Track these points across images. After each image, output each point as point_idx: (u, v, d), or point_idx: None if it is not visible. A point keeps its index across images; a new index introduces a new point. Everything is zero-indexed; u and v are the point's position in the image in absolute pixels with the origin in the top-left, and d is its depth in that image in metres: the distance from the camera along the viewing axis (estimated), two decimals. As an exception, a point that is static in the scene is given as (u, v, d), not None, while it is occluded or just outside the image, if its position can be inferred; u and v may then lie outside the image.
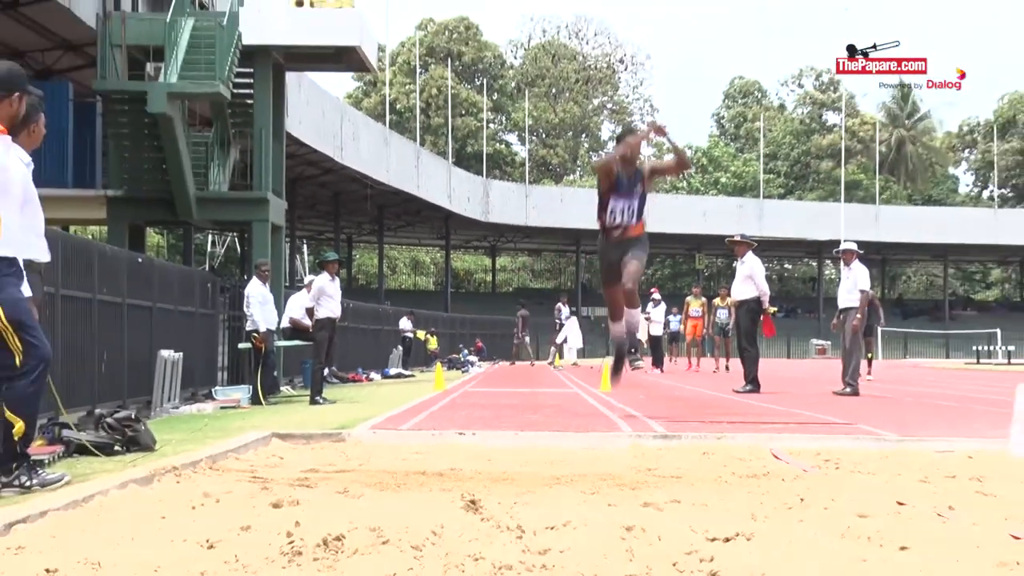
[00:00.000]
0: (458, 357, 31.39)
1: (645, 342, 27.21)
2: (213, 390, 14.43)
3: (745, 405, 11.24)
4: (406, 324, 29.42)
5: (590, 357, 32.81)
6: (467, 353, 33.38)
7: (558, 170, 74.74)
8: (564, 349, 29.83)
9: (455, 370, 26.91)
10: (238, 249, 44.44)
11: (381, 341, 27.23)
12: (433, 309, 42.01)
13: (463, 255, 67.98)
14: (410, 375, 24.43)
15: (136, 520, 3.88)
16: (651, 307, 25.34)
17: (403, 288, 62.91)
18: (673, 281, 66.74)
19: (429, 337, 32.62)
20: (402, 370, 25.40)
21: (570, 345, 29.92)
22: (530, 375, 22.38)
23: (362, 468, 5.72)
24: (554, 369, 26.43)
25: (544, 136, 74.28)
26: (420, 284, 66.86)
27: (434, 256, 66.96)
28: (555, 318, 30.67)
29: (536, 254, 70.39)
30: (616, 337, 9.52)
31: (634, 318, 9.27)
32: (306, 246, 56.65)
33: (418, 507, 4.09)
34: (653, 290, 28.74)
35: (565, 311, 30.08)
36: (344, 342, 19.78)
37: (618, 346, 9.55)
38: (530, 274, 73.45)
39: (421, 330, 31.78)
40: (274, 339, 14.71)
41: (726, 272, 59.17)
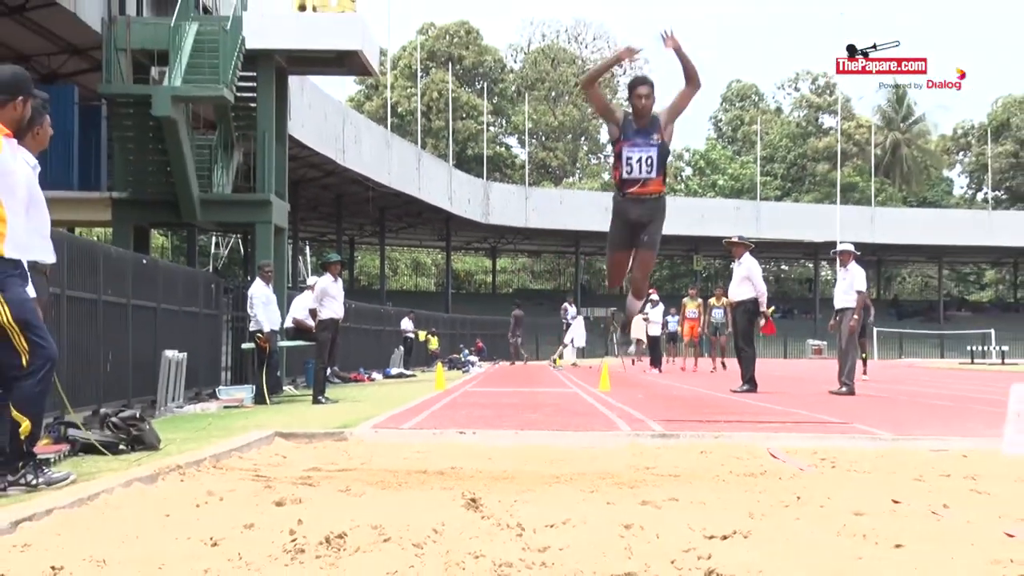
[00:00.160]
0: (459, 357, 31.38)
1: (644, 342, 27.26)
2: (217, 390, 14.44)
3: (742, 405, 11.23)
4: (407, 325, 29.42)
5: (589, 357, 32.79)
6: (467, 353, 33.36)
7: (557, 172, 74.75)
8: (565, 349, 29.85)
9: (456, 370, 26.90)
10: (241, 251, 44.46)
11: (383, 341, 27.23)
12: (434, 310, 42.00)
13: (464, 256, 67.98)
14: (411, 375, 24.41)
15: (141, 518, 3.88)
16: (649, 308, 25.30)
17: (404, 289, 62.90)
18: (671, 282, 66.74)
19: (430, 337, 32.61)
20: (403, 370, 25.39)
21: (566, 342, 30.01)
22: (530, 375, 22.37)
23: (364, 467, 5.72)
24: (553, 369, 26.42)
25: (544, 139, 74.27)
26: (421, 285, 66.84)
27: (435, 257, 66.95)
28: (562, 318, 30.76)
29: (536, 255, 70.39)
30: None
31: (632, 306, 8.95)
32: (309, 247, 56.67)
33: (419, 505, 4.09)
34: (651, 291, 28.71)
35: (572, 311, 30.17)
36: (346, 342, 19.78)
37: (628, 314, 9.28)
38: (530, 275, 73.45)
39: (422, 330, 31.78)
40: (277, 339, 14.71)
41: (723, 273, 59.12)
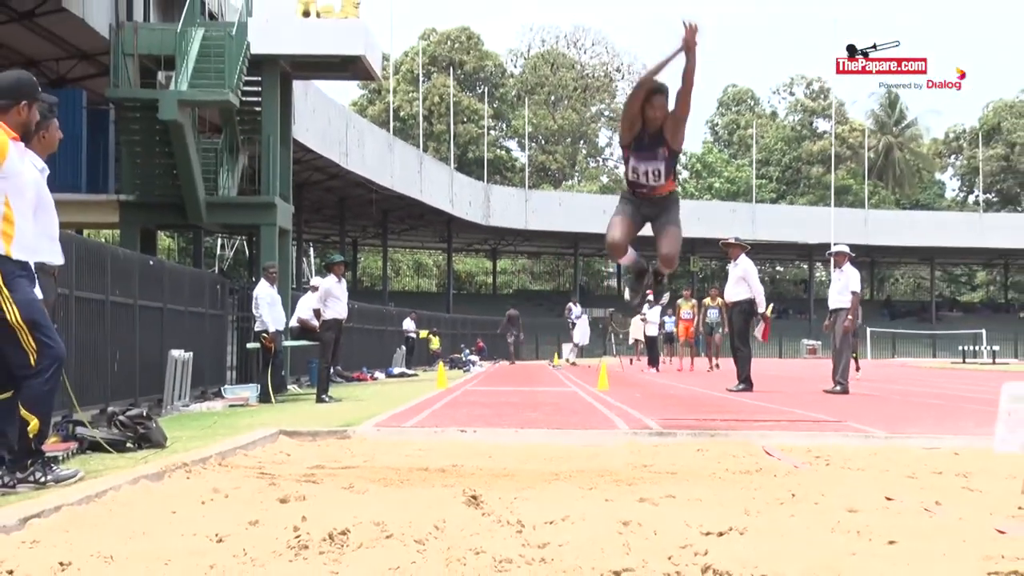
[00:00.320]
0: (460, 357, 31.37)
1: (641, 342, 27.28)
2: (222, 389, 14.44)
3: (738, 403, 11.23)
4: (409, 325, 29.42)
5: (588, 357, 32.79)
6: (468, 353, 33.35)
7: (557, 175, 74.74)
8: (564, 348, 29.89)
9: (457, 369, 26.91)
10: (246, 252, 44.44)
11: (385, 341, 27.23)
12: (435, 310, 41.99)
13: (465, 258, 67.98)
14: (413, 374, 24.41)
15: (147, 515, 3.89)
16: (647, 308, 25.32)
17: (406, 290, 62.88)
18: (669, 283, 66.63)
19: (431, 337, 32.60)
20: (405, 369, 25.39)
21: (577, 343, 30.01)
22: (530, 374, 22.37)
23: (367, 464, 5.72)
24: (553, 368, 26.42)
25: (543, 142, 74.26)
26: (423, 286, 66.81)
27: (436, 259, 66.96)
28: (567, 318, 30.79)
29: (535, 257, 70.38)
30: (629, 261, 8.77)
31: (670, 263, 8.64)
32: (312, 249, 56.64)
33: (421, 502, 4.08)
34: (648, 292, 28.71)
35: (576, 310, 30.21)
36: (349, 342, 19.77)
37: (634, 266, 8.96)
38: (530, 276, 73.44)
39: (424, 330, 31.77)
40: (282, 339, 14.71)
41: (720, 274, 59.06)
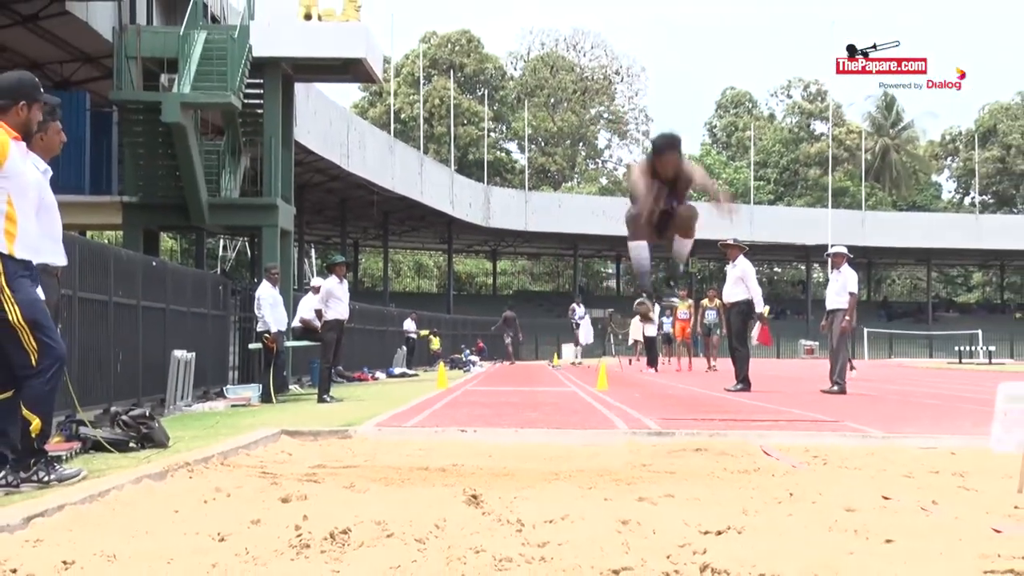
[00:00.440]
0: (460, 357, 31.36)
1: (640, 343, 27.27)
2: (224, 389, 14.44)
3: (736, 403, 11.23)
4: (410, 325, 29.41)
5: (587, 357, 32.78)
6: (469, 353, 33.34)
7: (556, 177, 74.74)
8: (564, 348, 29.88)
9: (457, 369, 26.90)
10: (248, 253, 44.44)
11: (386, 342, 27.23)
12: (436, 311, 41.98)
13: (465, 259, 67.96)
14: (414, 374, 24.40)
15: (150, 514, 3.88)
16: (645, 308, 25.31)
17: (407, 291, 62.85)
18: (668, 283, 66.65)
19: (432, 338, 32.59)
20: (406, 369, 25.38)
21: (581, 342, 29.97)
22: (530, 374, 22.36)
23: (368, 464, 5.72)
24: (552, 368, 26.42)
25: (543, 144, 74.25)
26: (424, 287, 66.79)
27: (437, 260, 66.94)
28: (571, 319, 30.80)
29: (535, 258, 70.37)
30: (638, 261, 7.18)
31: (684, 247, 7.24)
32: (314, 250, 56.63)
33: (421, 502, 4.08)
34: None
35: (580, 311, 30.21)
36: (350, 343, 19.75)
37: (641, 277, 7.34)
38: (529, 277, 73.43)
39: (424, 331, 31.77)
40: (284, 340, 14.71)
41: (718, 275, 59.05)
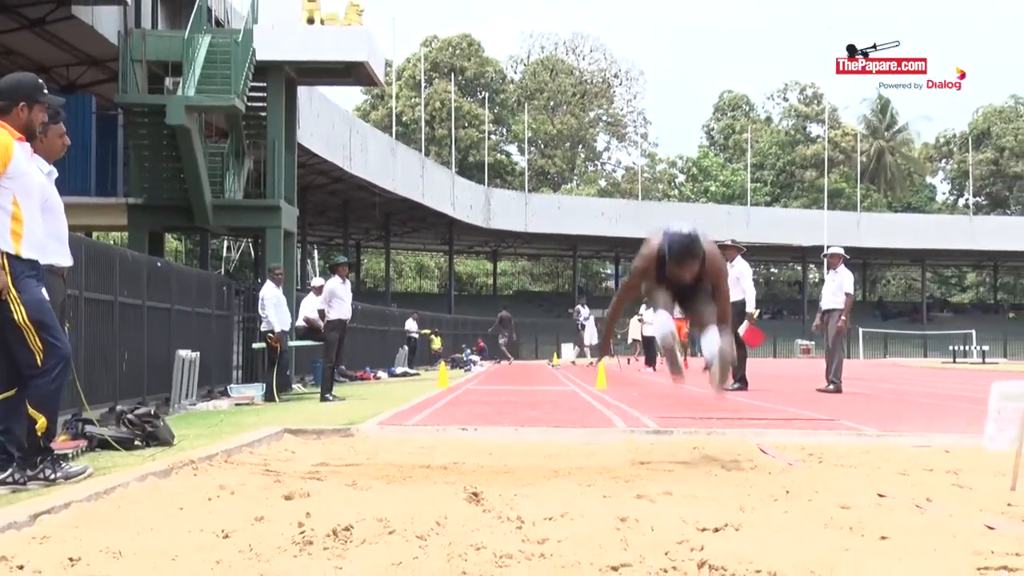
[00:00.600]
0: (461, 356, 31.36)
1: (639, 342, 27.28)
2: (228, 388, 14.43)
3: (733, 402, 11.22)
4: (411, 325, 29.42)
5: (583, 357, 32.78)
6: (469, 353, 33.33)
7: (556, 179, 74.73)
8: (563, 348, 29.85)
9: (458, 369, 26.90)
10: (252, 254, 44.42)
11: (388, 341, 27.22)
12: (437, 311, 41.97)
13: (466, 260, 67.95)
14: (415, 374, 24.40)
15: (155, 511, 3.88)
16: (644, 308, 25.36)
17: (409, 291, 62.84)
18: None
19: (433, 337, 32.59)
20: (408, 369, 25.38)
21: (587, 343, 29.88)
22: (529, 374, 22.36)
23: (370, 462, 5.72)
24: (552, 368, 26.43)
25: (543, 147, 74.24)
26: (425, 287, 66.78)
27: (438, 261, 66.93)
28: (576, 320, 30.74)
29: (535, 259, 70.35)
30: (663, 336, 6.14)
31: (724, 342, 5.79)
32: (317, 251, 56.62)
33: (423, 499, 4.08)
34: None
35: (584, 312, 30.12)
36: (353, 342, 19.77)
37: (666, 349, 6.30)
38: (529, 278, 73.41)
39: (426, 330, 31.76)
40: (287, 339, 14.71)
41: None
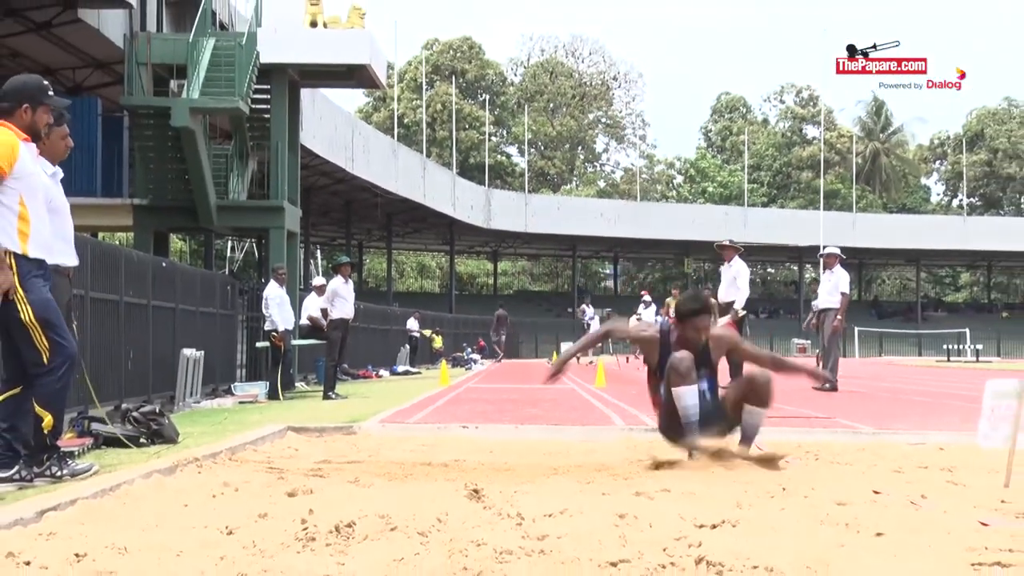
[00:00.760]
0: (462, 355, 31.36)
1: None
2: (232, 386, 14.43)
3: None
4: (413, 324, 29.41)
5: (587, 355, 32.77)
6: (470, 351, 33.34)
7: (556, 180, 74.71)
8: (563, 347, 29.79)
9: (459, 367, 26.90)
10: (256, 254, 44.41)
11: (390, 340, 27.21)
12: (438, 310, 41.95)
13: (466, 260, 67.95)
14: (417, 372, 24.40)
15: (160, 508, 3.88)
16: (642, 308, 25.37)
17: (410, 291, 62.82)
18: (663, 284, 66.72)
19: (434, 336, 32.59)
20: (409, 367, 25.38)
21: None
22: (529, 372, 22.35)
23: (372, 459, 5.71)
24: (551, 366, 26.40)
25: (543, 148, 74.22)
26: (426, 287, 66.78)
27: (439, 261, 66.93)
28: (580, 319, 30.68)
29: (535, 259, 70.35)
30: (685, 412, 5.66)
31: (756, 419, 5.90)
32: (319, 251, 56.63)
33: (424, 496, 4.08)
34: (644, 292, 28.77)
35: (589, 311, 30.04)
36: (355, 341, 19.77)
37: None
38: (529, 277, 73.42)
39: (427, 330, 31.76)
40: (291, 338, 14.70)
41: (712, 276, 59.07)
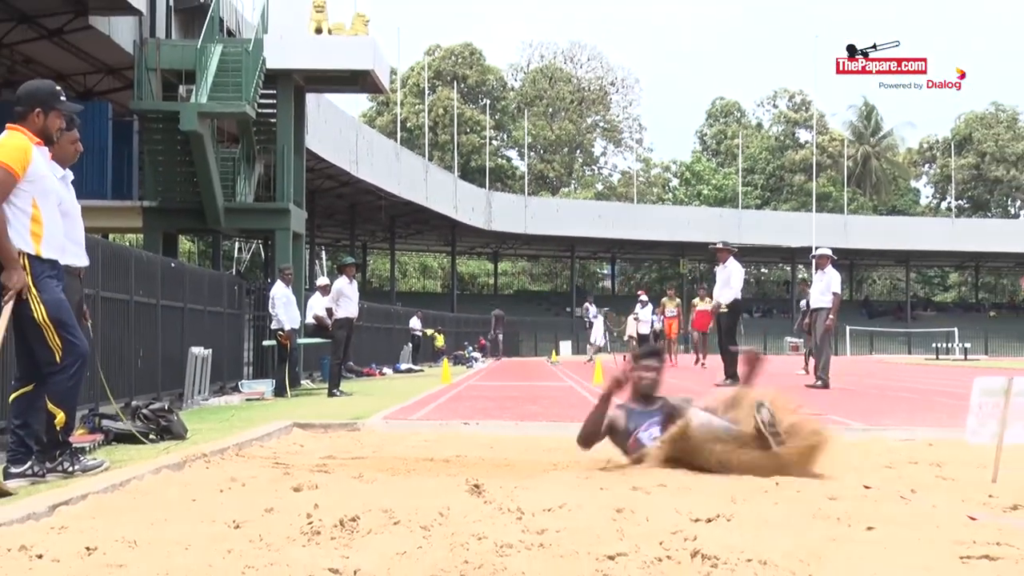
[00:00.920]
0: (463, 353, 31.36)
1: (635, 339, 27.27)
2: (239, 383, 14.42)
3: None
4: (416, 323, 29.41)
5: (580, 354, 32.79)
6: (471, 350, 33.34)
7: (555, 183, 74.70)
8: (561, 346, 29.77)
9: (460, 365, 26.90)
10: (262, 255, 44.41)
11: (393, 339, 27.21)
12: (440, 310, 41.95)
13: (468, 260, 67.96)
14: (419, 370, 24.39)
15: (169, 502, 3.88)
16: (639, 308, 25.38)
17: (413, 291, 62.83)
18: (660, 284, 66.72)
19: (436, 335, 32.58)
20: (412, 365, 25.37)
21: (592, 341, 29.68)
22: (529, 370, 22.35)
23: (375, 455, 5.72)
24: (551, 364, 26.42)
25: (542, 152, 74.22)
26: (428, 287, 66.78)
27: (441, 261, 66.92)
28: (584, 317, 30.58)
29: (535, 259, 70.34)
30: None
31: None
32: (324, 252, 56.62)
33: (426, 491, 4.08)
34: (640, 292, 28.78)
35: (592, 310, 29.94)
36: (359, 340, 19.76)
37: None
38: (529, 278, 73.42)
39: (429, 329, 31.76)
40: (296, 337, 14.70)
41: (707, 276, 59.05)
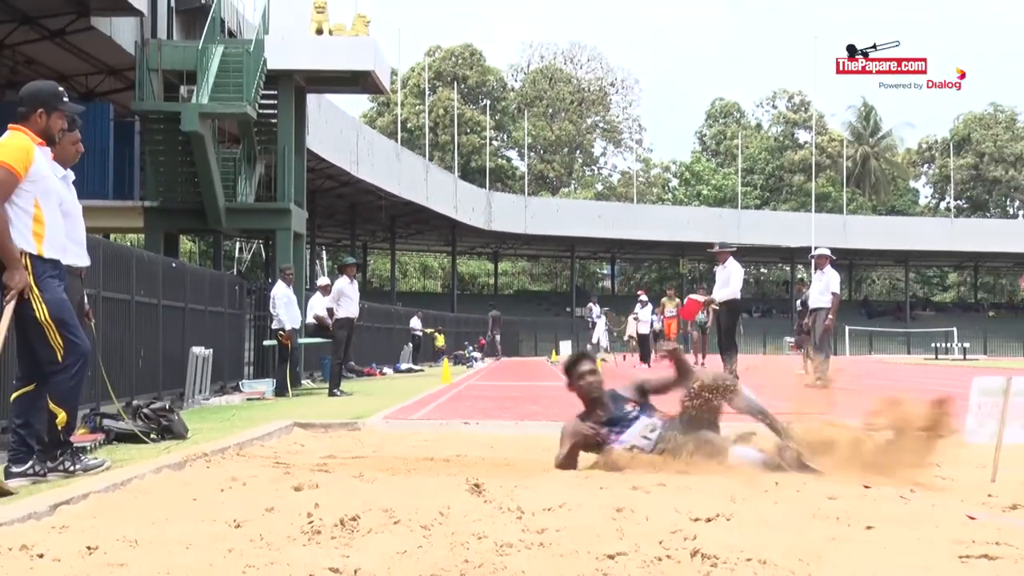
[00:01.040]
0: (463, 353, 31.36)
1: (634, 339, 27.28)
2: (240, 383, 14.42)
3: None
4: (416, 323, 29.41)
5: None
6: (471, 350, 33.35)
7: (555, 183, 74.71)
8: (561, 346, 29.72)
9: (460, 365, 26.90)
10: (263, 255, 44.40)
11: (393, 339, 27.21)
12: (440, 309, 41.96)
13: (468, 260, 67.96)
14: (419, 370, 24.39)
15: (170, 501, 3.88)
16: (639, 308, 25.36)
17: (413, 290, 62.84)
18: (660, 284, 66.74)
19: (437, 335, 32.58)
20: (412, 365, 25.37)
21: (593, 341, 29.60)
22: (529, 370, 22.35)
23: (376, 455, 5.71)
24: (551, 364, 26.41)
25: (542, 152, 74.23)
26: (429, 287, 66.79)
27: (441, 261, 66.93)
28: (587, 316, 30.49)
29: (534, 259, 70.35)
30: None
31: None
32: (325, 252, 56.64)
33: (427, 490, 4.08)
34: (640, 292, 28.79)
35: (596, 310, 29.87)
36: (360, 339, 19.76)
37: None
38: (529, 278, 73.43)
39: (429, 328, 31.76)
40: (297, 336, 14.70)
41: (707, 276, 59.05)
